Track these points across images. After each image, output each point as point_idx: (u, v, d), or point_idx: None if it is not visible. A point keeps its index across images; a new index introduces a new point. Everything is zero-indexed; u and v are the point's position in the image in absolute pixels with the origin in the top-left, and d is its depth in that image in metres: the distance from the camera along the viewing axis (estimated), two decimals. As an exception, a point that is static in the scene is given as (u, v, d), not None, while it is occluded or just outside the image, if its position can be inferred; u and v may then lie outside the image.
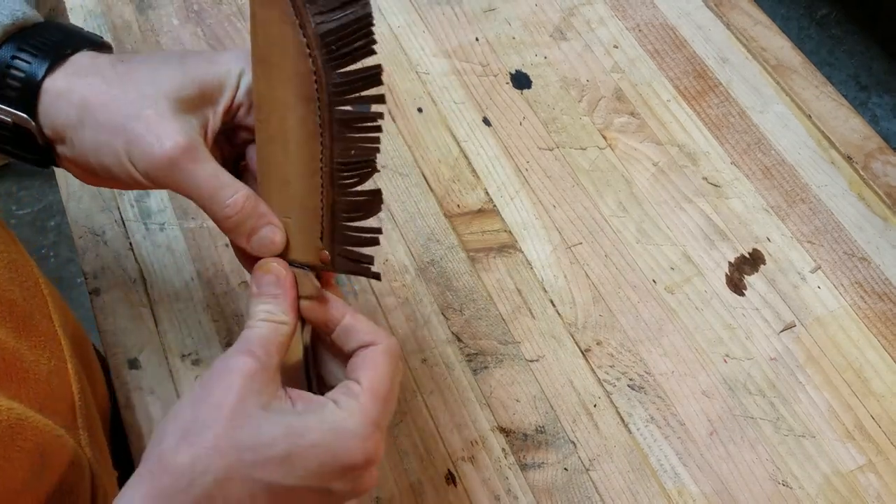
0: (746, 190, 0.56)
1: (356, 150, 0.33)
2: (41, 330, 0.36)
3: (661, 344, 0.49)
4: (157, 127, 0.31)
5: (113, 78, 0.32)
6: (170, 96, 0.32)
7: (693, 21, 0.64)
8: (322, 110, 0.33)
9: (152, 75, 0.32)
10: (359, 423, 0.30)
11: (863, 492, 0.45)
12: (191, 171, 0.32)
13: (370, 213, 0.35)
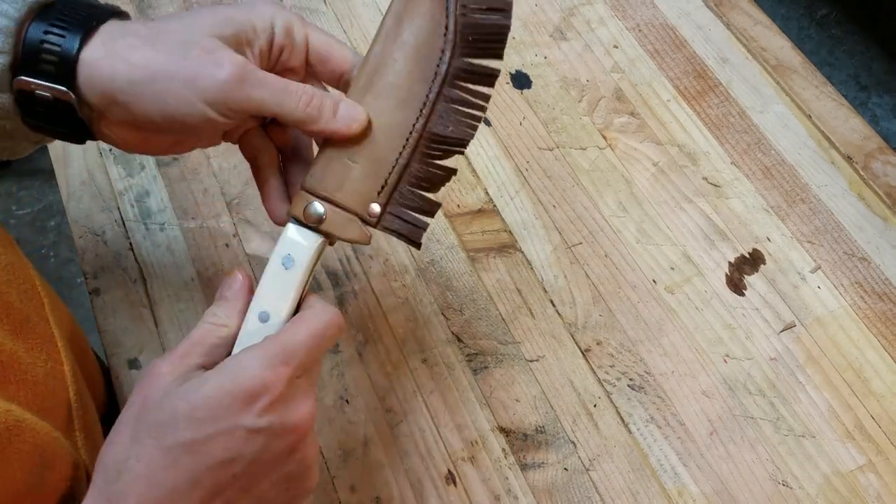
0: (746, 190, 0.56)
1: (454, 128, 0.37)
2: (38, 332, 0.36)
3: (661, 344, 0.49)
4: (213, 56, 0.33)
5: (150, 35, 0.33)
6: (211, 34, 0.33)
7: (693, 21, 0.64)
8: (434, 85, 0.36)
9: (187, 25, 0.33)
10: (254, 357, 0.31)
11: (863, 492, 0.45)
12: (259, 78, 0.33)
13: (437, 188, 0.37)
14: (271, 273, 0.35)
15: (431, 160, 0.37)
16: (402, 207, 0.36)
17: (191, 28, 0.33)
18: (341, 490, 0.44)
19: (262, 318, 0.34)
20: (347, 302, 0.50)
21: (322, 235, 0.36)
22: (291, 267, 0.35)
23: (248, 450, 0.30)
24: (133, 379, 0.47)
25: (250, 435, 0.30)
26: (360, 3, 0.63)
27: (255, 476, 0.31)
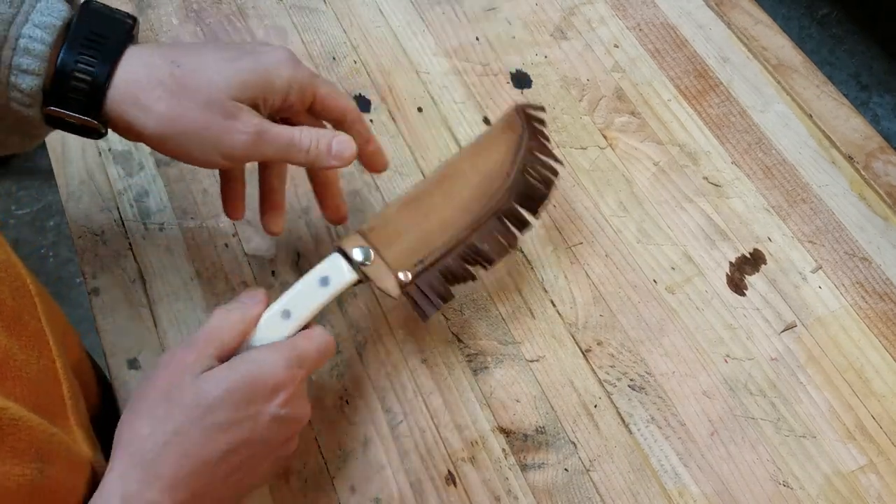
0: (747, 189, 0.56)
1: (489, 247, 0.45)
2: (30, 330, 0.36)
3: (661, 344, 0.49)
4: (234, 121, 0.37)
5: (174, 87, 0.37)
6: (230, 96, 0.37)
7: (694, 20, 0.64)
8: (487, 210, 0.45)
9: (210, 83, 0.37)
10: (279, 356, 0.37)
11: (864, 492, 0.45)
12: (271, 138, 0.39)
13: (456, 283, 0.45)
14: (306, 284, 0.41)
15: (462, 262, 0.44)
16: (427, 285, 0.43)
17: (213, 87, 0.37)
18: (341, 490, 0.44)
19: (284, 315, 0.40)
20: (347, 302, 0.50)
21: (359, 274, 0.42)
22: (326, 287, 0.41)
23: (267, 433, 0.36)
24: (133, 379, 0.47)
25: (272, 421, 0.36)
26: (359, 2, 0.63)
27: (265, 455, 0.37)
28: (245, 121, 0.38)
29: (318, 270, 0.42)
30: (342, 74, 0.59)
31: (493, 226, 0.45)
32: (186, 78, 0.36)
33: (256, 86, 0.38)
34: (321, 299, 0.41)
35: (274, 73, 0.39)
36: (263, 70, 0.38)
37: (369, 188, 0.54)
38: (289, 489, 0.44)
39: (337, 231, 0.52)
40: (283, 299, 0.40)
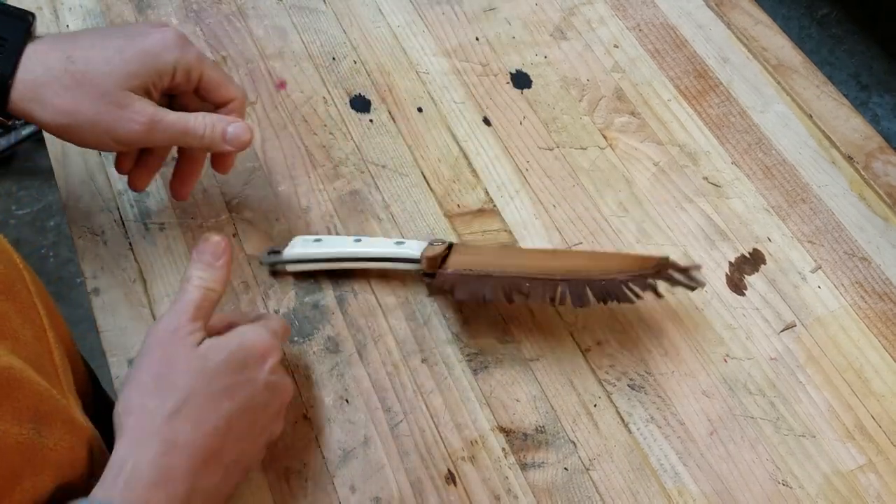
0: (747, 190, 0.56)
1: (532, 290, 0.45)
2: (22, 298, 0.36)
3: (661, 344, 0.49)
4: (127, 111, 0.40)
5: (71, 82, 0.39)
6: (123, 87, 0.40)
7: (694, 20, 0.64)
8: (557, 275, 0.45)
9: (104, 75, 0.39)
10: (256, 329, 0.40)
11: (863, 492, 0.45)
12: (164, 126, 0.41)
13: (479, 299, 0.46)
14: (386, 242, 0.49)
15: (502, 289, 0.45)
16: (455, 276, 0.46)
17: (105, 80, 0.39)
18: (341, 490, 0.44)
19: (355, 240, 0.49)
20: (347, 302, 0.50)
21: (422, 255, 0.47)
22: (397, 246, 0.48)
23: (262, 398, 0.39)
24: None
25: (265, 387, 0.39)
26: (359, 2, 0.63)
27: (262, 425, 0.40)
28: (137, 110, 0.40)
29: (404, 240, 0.49)
30: (342, 74, 0.59)
31: (550, 285, 0.44)
32: (80, 73, 0.39)
33: (144, 73, 0.40)
34: (384, 244, 0.49)
35: (159, 57, 0.41)
36: (150, 56, 0.40)
37: (369, 188, 0.54)
38: (289, 489, 0.44)
39: (337, 230, 0.52)
40: (360, 236, 0.50)
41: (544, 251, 0.50)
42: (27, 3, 0.61)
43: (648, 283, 0.45)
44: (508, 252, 0.49)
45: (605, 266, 0.46)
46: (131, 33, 0.41)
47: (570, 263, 0.47)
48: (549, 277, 0.45)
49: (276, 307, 0.49)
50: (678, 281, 0.46)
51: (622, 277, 0.44)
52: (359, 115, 0.58)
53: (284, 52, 0.60)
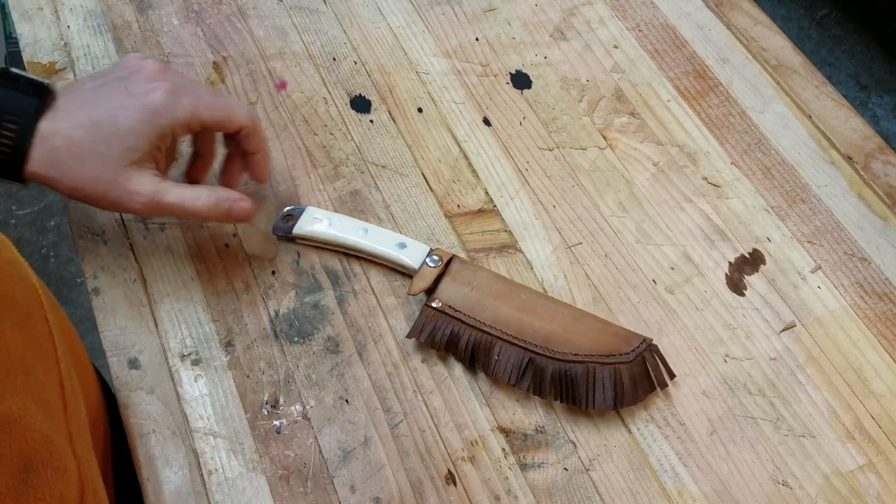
0: (746, 190, 0.56)
1: (503, 368, 0.46)
2: (37, 329, 0.36)
3: (661, 344, 0.49)
4: (131, 191, 0.42)
5: (81, 156, 0.41)
6: (123, 164, 0.42)
7: (693, 21, 0.64)
8: (539, 350, 0.46)
9: (102, 157, 0.41)
10: None
11: (863, 492, 0.45)
12: (164, 205, 0.43)
13: (455, 356, 0.48)
14: (390, 236, 0.50)
15: (474, 349, 0.47)
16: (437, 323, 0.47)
17: (107, 161, 0.41)
18: (341, 490, 0.44)
19: (363, 230, 0.50)
20: (347, 302, 0.50)
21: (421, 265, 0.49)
22: (399, 249, 0.50)
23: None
24: (133, 379, 0.47)
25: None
26: (359, 3, 0.63)
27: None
28: (137, 190, 0.42)
29: (408, 239, 0.50)
30: (342, 75, 0.59)
31: (519, 357, 0.46)
32: (84, 155, 0.41)
33: (143, 145, 0.42)
34: (386, 251, 0.50)
35: (153, 125, 0.42)
36: (144, 125, 0.42)
37: (369, 188, 0.54)
38: (289, 489, 0.44)
39: (337, 231, 0.53)
40: (369, 225, 0.51)
41: (531, 295, 0.48)
42: (28, 3, 0.61)
43: (619, 371, 0.45)
44: (498, 289, 0.48)
45: (581, 340, 0.46)
46: (123, 104, 0.42)
47: (550, 326, 0.47)
48: (521, 344, 0.46)
49: (276, 307, 0.49)
50: (653, 372, 0.46)
51: (594, 361, 0.45)
52: (359, 115, 0.58)
53: (285, 52, 0.60)
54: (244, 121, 0.45)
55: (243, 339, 0.48)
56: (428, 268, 0.49)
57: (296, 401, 0.47)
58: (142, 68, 0.43)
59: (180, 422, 0.46)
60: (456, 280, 0.48)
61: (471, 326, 0.47)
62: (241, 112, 0.45)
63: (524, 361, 0.46)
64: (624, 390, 0.45)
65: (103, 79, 0.44)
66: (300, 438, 0.45)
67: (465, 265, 0.49)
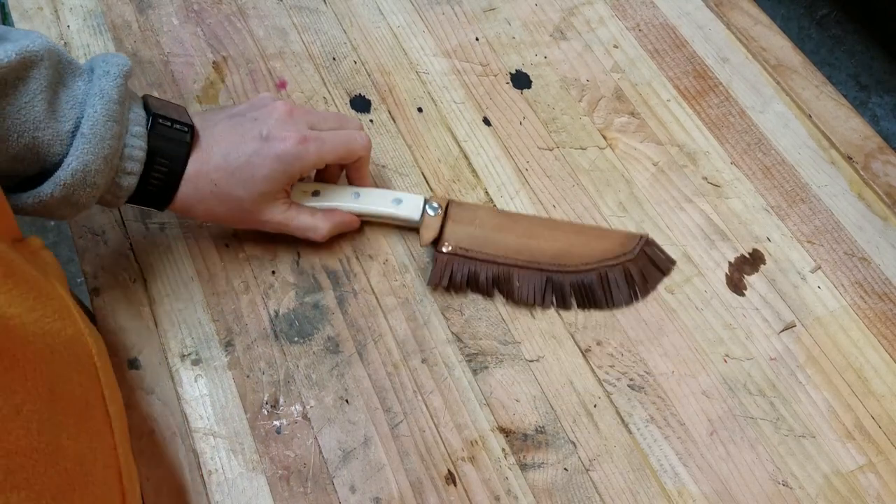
0: (746, 190, 0.56)
1: (523, 289, 0.50)
2: (97, 420, 0.36)
3: (661, 344, 0.49)
4: (261, 220, 0.47)
5: (215, 203, 0.46)
6: (258, 202, 0.46)
7: (693, 21, 0.64)
8: (551, 267, 0.50)
9: (239, 199, 0.46)
10: None
11: (863, 492, 0.45)
12: (290, 229, 0.49)
13: (479, 292, 0.51)
14: (384, 193, 0.51)
15: (493, 281, 0.50)
16: (453, 266, 0.50)
17: (245, 199, 0.46)
18: (341, 490, 0.44)
19: (354, 195, 0.51)
20: (347, 302, 0.50)
21: (421, 216, 0.50)
22: (395, 205, 0.50)
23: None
24: (133, 379, 0.47)
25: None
26: (359, 2, 0.63)
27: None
28: (268, 219, 0.47)
29: (402, 194, 0.51)
30: (342, 74, 0.59)
31: (537, 279, 0.50)
32: (223, 195, 0.45)
33: (275, 188, 0.46)
34: (384, 209, 0.50)
35: (286, 172, 0.46)
36: (277, 173, 0.45)
37: (369, 188, 0.54)
38: (289, 489, 0.44)
39: (337, 231, 0.53)
40: (359, 188, 0.51)
41: (531, 222, 0.52)
42: (28, 3, 0.61)
43: (627, 268, 0.50)
44: (500, 222, 0.51)
45: (587, 250, 0.51)
46: (258, 150, 0.45)
47: (556, 245, 0.51)
48: (536, 267, 0.50)
49: (276, 307, 0.49)
50: (656, 262, 0.51)
51: (604, 266, 0.50)
52: (359, 115, 0.58)
53: (285, 52, 0.60)
54: (362, 153, 0.49)
55: (243, 339, 0.48)
56: (430, 217, 0.50)
57: (296, 401, 0.47)
58: (273, 111, 0.46)
59: (180, 422, 0.46)
60: (459, 222, 0.51)
61: (486, 262, 0.50)
62: (359, 146, 0.49)
63: (544, 282, 0.49)
64: (636, 284, 0.50)
65: (240, 117, 0.47)
66: (300, 438, 0.45)
67: (463, 206, 0.52)
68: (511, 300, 0.50)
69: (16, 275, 0.35)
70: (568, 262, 0.50)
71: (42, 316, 0.35)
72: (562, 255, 0.50)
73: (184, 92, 0.58)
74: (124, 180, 0.43)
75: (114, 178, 0.42)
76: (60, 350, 0.35)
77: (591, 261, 0.50)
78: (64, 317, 0.37)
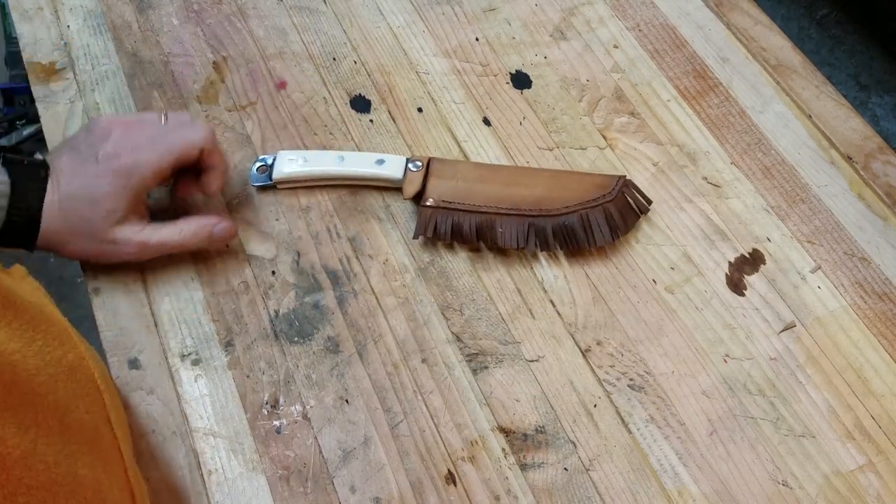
0: (746, 190, 0.56)
1: (506, 234, 0.51)
2: (105, 443, 0.36)
3: (661, 344, 0.49)
4: (119, 246, 0.47)
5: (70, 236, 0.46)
6: (110, 225, 0.46)
7: (693, 21, 0.64)
8: (532, 211, 0.51)
9: (91, 226, 0.46)
10: None
11: (863, 492, 0.45)
12: (152, 248, 0.47)
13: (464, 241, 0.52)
14: (366, 156, 0.53)
15: (477, 229, 0.51)
16: (438, 217, 0.51)
17: (96, 229, 0.46)
18: (341, 490, 0.44)
19: (338, 158, 0.53)
20: (347, 302, 0.50)
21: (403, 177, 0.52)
22: (378, 165, 0.52)
23: None
24: (133, 379, 0.47)
25: None
26: (359, 3, 0.63)
27: None
28: (125, 242, 0.46)
29: (384, 155, 0.53)
30: (342, 75, 0.59)
31: (520, 224, 0.51)
32: (75, 224, 0.45)
33: (122, 206, 0.46)
34: (367, 170, 0.52)
35: (126, 187, 0.46)
36: (119, 191, 0.45)
37: (369, 188, 0.54)
38: (289, 489, 0.44)
39: (337, 231, 0.53)
40: (343, 152, 0.53)
41: (511, 171, 0.53)
42: (28, 3, 0.61)
43: (608, 209, 0.51)
44: (481, 174, 0.53)
45: (567, 193, 0.52)
46: (97, 172, 0.45)
47: (537, 191, 0.52)
48: (518, 213, 0.51)
49: (276, 307, 0.49)
50: (633, 203, 0.52)
51: (584, 208, 0.51)
52: (359, 115, 0.58)
53: (285, 52, 0.60)
54: (202, 144, 0.48)
55: (243, 339, 0.48)
56: (412, 172, 0.52)
57: (296, 401, 0.47)
58: (106, 132, 0.46)
59: (180, 422, 0.46)
60: (441, 177, 0.52)
61: (469, 212, 0.51)
62: (197, 138, 0.47)
63: (526, 226, 0.51)
64: (616, 224, 0.51)
65: (80, 145, 0.46)
66: (300, 438, 0.45)
67: (444, 162, 0.53)
68: (494, 246, 0.51)
69: (14, 306, 0.36)
70: (549, 207, 0.51)
71: (43, 346, 0.36)
72: (543, 199, 0.51)
73: (184, 92, 0.58)
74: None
75: None
76: (64, 379, 0.36)
77: (571, 203, 0.51)
78: (64, 342, 0.37)
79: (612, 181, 0.52)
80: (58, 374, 0.35)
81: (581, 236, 0.51)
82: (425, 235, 0.51)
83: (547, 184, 0.52)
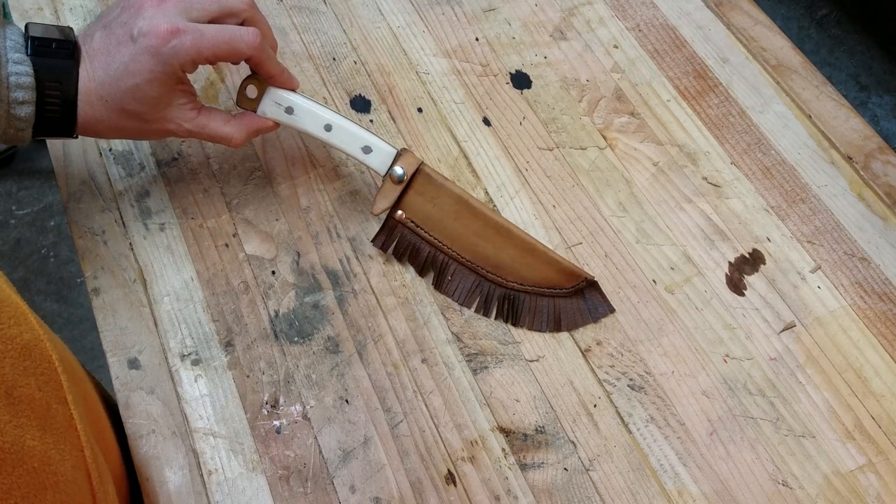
0: (746, 190, 0.56)
1: (454, 287, 0.51)
2: (59, 420, 0.36)
3: (661, 344, 0.49)
4: (164, 128, 0.46)
5: (117, 121, 0.45)
6: (157, 108, 0.45)
7: (693, 21, 0.64)
8: (493, 277, 0.51)
9: (135, 112, 0.44)
10: None
11: (863, 492, 0.45)
12: (202, 136, 0.47)
13: (415, 265, 0.52)
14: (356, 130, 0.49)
15: (433, 262, 0.51)
16: (400, 235, 0.51)
17: (144, 108, 0.44)
18: (341, 490, 0.44)
19: (326, 127, 0.48)
20: (347, 302, 0.50)
21: (386, 174, 0.49)
22: (364, 153, 0.49)
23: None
24: (133, 379, 0.47)
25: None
26: (359, 3, 0.63)
27: None
28: (177, 128, 0.46)
29: (375, 140, 0.49)
30: (342, 75, 0.59)
31: (470, 280, 0.50)
32: (118, 109, 0.44)
33: (164, 90, 0.44)
34: (352, 153, 0.49)
35: (165, 72, 0.43)
36: (159, 75, 0.43)
37: (369, 188, 0.54)
38: (289, 489, 0.44)
39: (337, 231, 0.53)
40: (332, 121, 0.48)
41: (487, 223, 0.50)
42: (28, 3, 0.61)
43: (556, 304, 0.50)
44: (458, 211, 0.50)
45: (527, 272, 0.50)
46: (133, 55, 0.43)
47: (501, 256, 0.50)
48: (473, 269, 0.50)
49: (276, 307, 0.49)
50: (588, 306, 0.50)
51: (536, 292, 0.50)
52: (359, 115, 0.58)
53: (285, 52, 0.60)
54: (249, 52, 0.45)
55: (243, 339, 0.48)
56: (391, 184, 0.49)
57: (296, 401, 0.47)
58: (141, 7, 0.43)
59: (180, 422, 0.46)
60: (421, 194, 0.50)
61: (430, 244, 0.50)
62: (244, 45, 0.45)
63: (474, 284, 0.50)
64: (560, 319, 0.50)
65: (112, 23, 0.44)
66: (300, 438, 0.46)
67: (431, 179, 0.50)
68: (439, 290, 0.50)
69: None
70: (506, 276, 0.50)
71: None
72: (503, 266, 0.50)
73: (184, 92, 0.58)
74: (20, 110, 0.41)
75: (8, 111, 0.41)
76: (14, 355, 0.35)
77: (526, 282, 0.50)
78: (20, 323, 0.37)
79: (576, 278, 0.50)
80: (7, 350, 0.35)
81: (523, 317, 0.49)
82: (383, 249, 0.51)
83: (514, 254, 0.50)
